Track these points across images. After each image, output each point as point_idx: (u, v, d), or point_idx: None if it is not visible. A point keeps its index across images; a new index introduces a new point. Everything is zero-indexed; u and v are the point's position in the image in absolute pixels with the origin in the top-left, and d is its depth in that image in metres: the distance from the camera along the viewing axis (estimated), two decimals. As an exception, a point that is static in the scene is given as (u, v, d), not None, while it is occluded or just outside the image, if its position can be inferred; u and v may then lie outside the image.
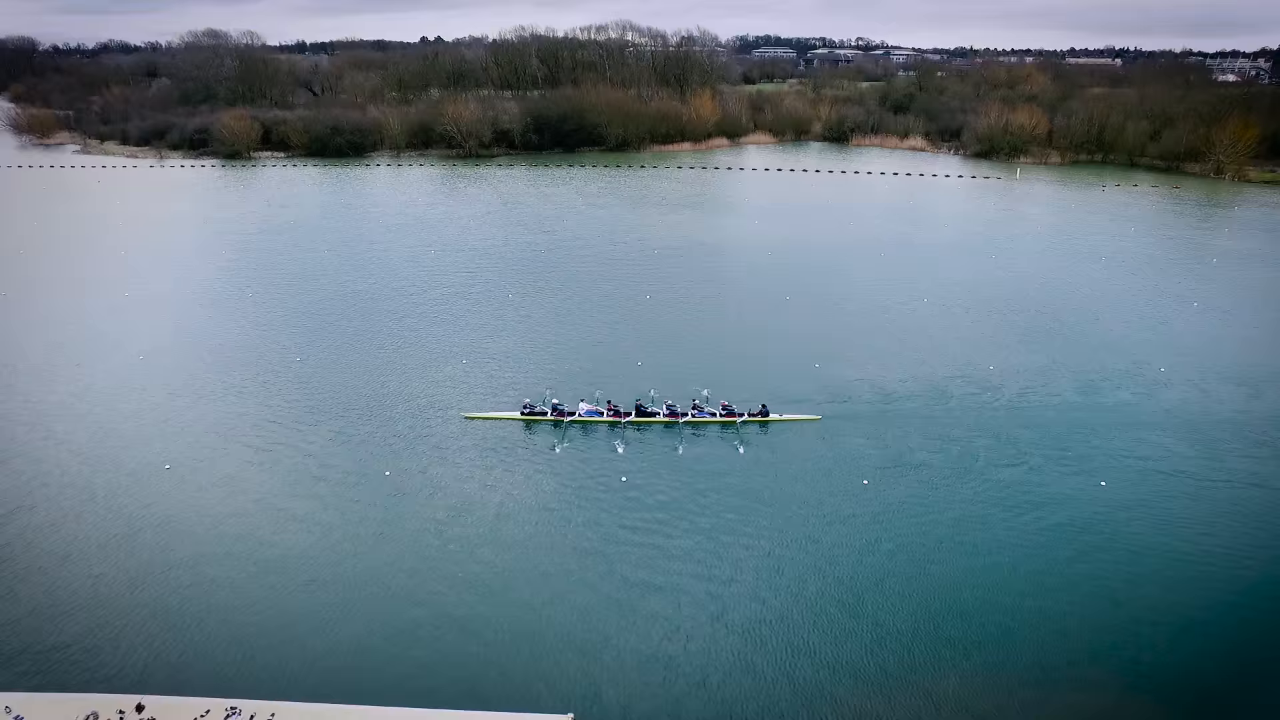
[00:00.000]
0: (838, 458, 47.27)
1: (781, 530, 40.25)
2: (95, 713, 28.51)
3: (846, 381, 57.05)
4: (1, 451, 48.22)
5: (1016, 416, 52.65)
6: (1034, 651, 32.38)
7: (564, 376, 57.26)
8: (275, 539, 39.52)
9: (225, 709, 28.73)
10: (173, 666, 31.15)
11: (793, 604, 35.01)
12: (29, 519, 41.59)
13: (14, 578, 36.71)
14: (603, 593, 35.60)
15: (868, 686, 30.64)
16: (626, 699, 29.78)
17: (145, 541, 39.44)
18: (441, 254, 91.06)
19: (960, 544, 39.25)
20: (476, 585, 36.00)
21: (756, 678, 30.95)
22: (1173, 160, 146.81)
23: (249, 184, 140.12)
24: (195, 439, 49.60)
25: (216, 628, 33.24)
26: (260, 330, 67.60)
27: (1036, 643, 32.79)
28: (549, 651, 32.07)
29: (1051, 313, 72.28)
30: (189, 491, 43.91)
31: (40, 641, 32.54)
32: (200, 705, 28.84)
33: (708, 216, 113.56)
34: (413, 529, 40.37)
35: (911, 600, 35.29)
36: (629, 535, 39.76)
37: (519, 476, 45.29)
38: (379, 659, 31.62)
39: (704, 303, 74.70)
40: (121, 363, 60.80)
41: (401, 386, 56.40)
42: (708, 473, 45.61)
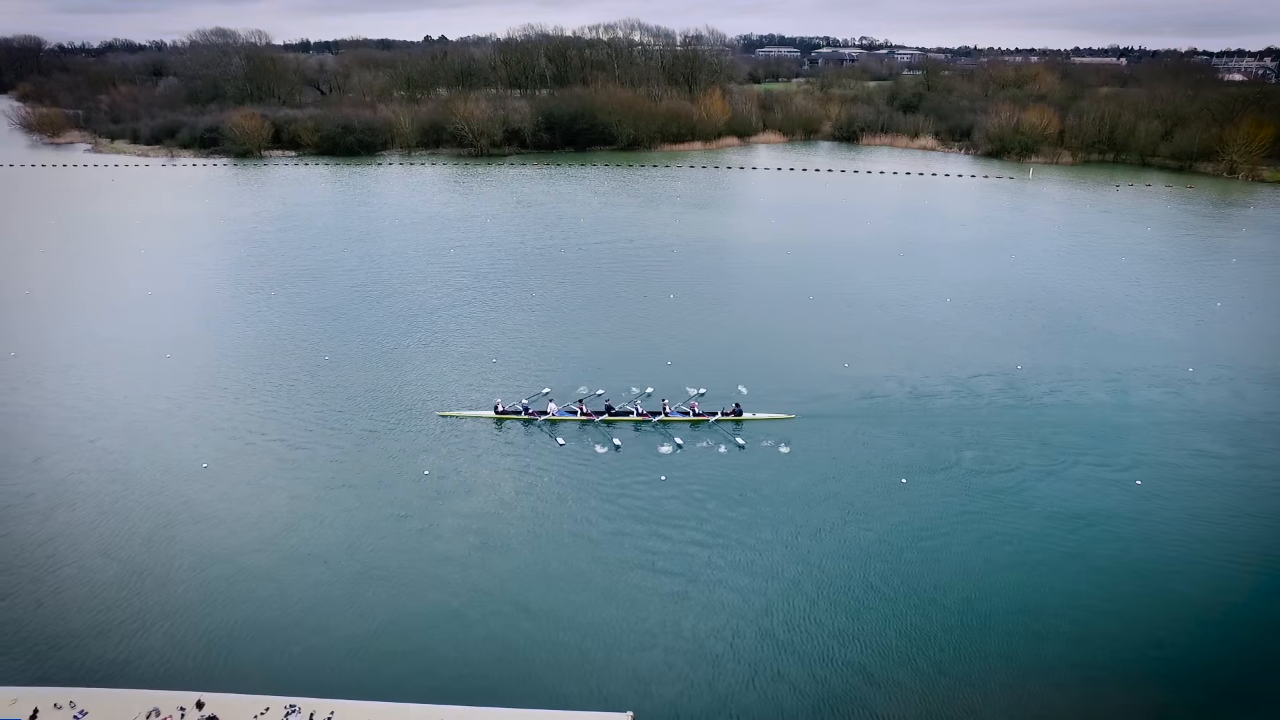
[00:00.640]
0: (871, 457, 47.32)
1: (818, 530, 40.32)
2: (157, 709, 28.63)
3: (876, 380, 57.14)
4: (36, 449, 48.33)
5: (1047, 415, 52.69)
6: (1078, 652, 32.44)
7: (595, 375, 57.33)
8: (317, 537, 39.64)
9: (284, 707, 28.83)
10: (231, 664, 31.28)
11: (834, 604, 35.10)
12: (70, 516, 41.72)
13: (65, 575, 36.83)
14: (650, 592, 35.70)
15: (912, 688, 30.75)
16: (683, 697, 29.88)
17: (188, 538, 39.58)
18: (462, 252, 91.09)
19: (1000, 544, 39.27)
20: (528, 584, 36.11)
21: (803, 677, 31.05)
22: (1185, 160, 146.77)
23: (261, 183, 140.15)
24: (228, 437, 49.67)
25: (271, 626, 33.37)
26: (284, 329, 67.65)
27: (1080, 643, 32.85)
28: (607, 650, 32.19)
29: (1074, 312, 72.31)
30: (226, 489, 44.03)
31: (100, 638, 32.70)
32: (259, 703, 28.92)
33: (724, 216, 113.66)
34: (454, 528, 40.45)
35: (952, 599, 35.35)
36: (673, 533, 39.85)
37: (552, 477, 45.33)
38: (435, 658, 31.73)
39: (728, 302, 74.73)
40: (150, 362, 60.87)
41: (429, 384, 56.44)
42: (742, 473, 45.66)
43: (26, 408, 53.66)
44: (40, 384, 57.07)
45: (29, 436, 49.97)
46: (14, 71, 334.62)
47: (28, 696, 28.86)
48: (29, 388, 56.50)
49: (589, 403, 52.77)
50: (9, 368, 59.73)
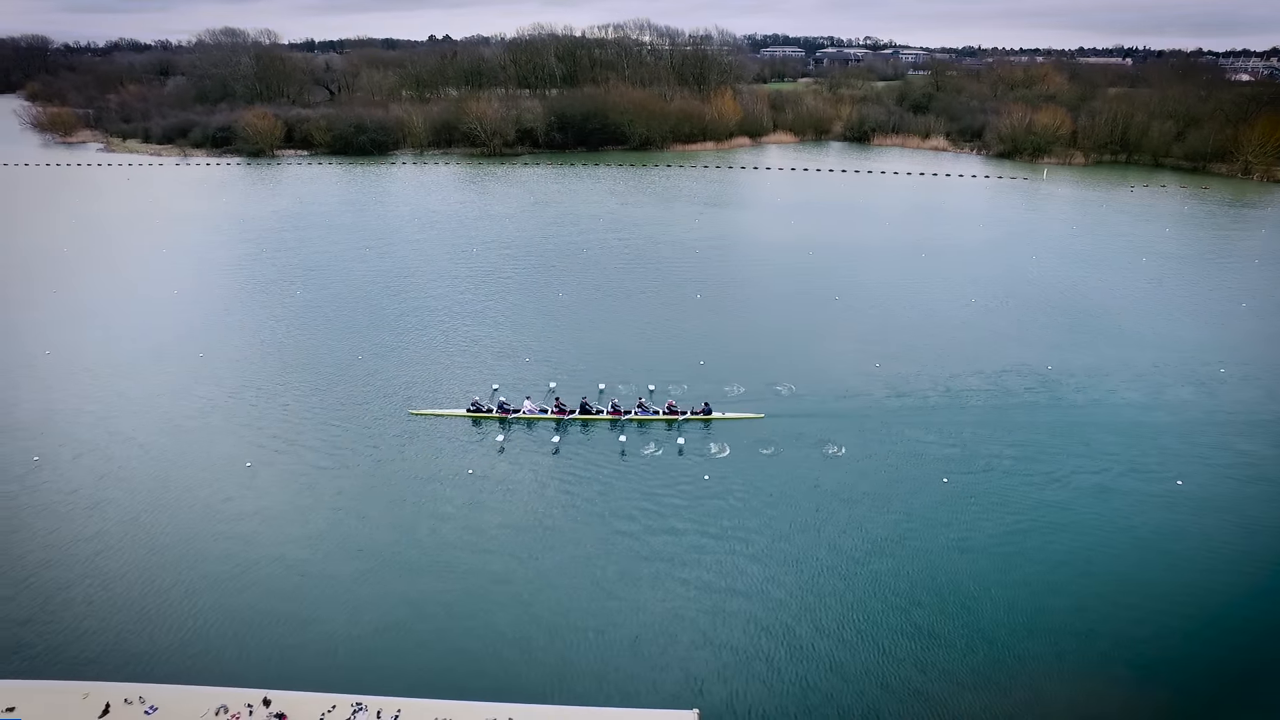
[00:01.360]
0: (911, 456, 47.47)
1: (864, 527, 40.47)
2: (225, 705, 28.80)
3: (909, 379, 57.33)
4: (75, 446, 48.53)
5: (1081, 414, 52.81)
6: (1127, 650, 32.66)
7: (628, 374, 57.54)
8: (367, 534, 39.88)
9: (351, 704, 28.97)
10: (296, 662, 31.45)
11: (885, 601, 35.28)
12: (114, 512, 42.03)
13: (116, 570, 37.09)
14: (704, 589, 35.89)
15: (965, 683, 30.96)
16: (746, 695, 30.04)
17: (236, 534, 39.85)
18: (485, 251, 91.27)
19: (1046, 543, 39.43)
20: (588, 582, 36.34)
21: (861, 674, 31.22)
22: (1199, 160, 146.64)
23: (276, 182, 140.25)
24: (266, 435, 49.89)
25: (336, 624, 33.55)
26: (313, 327, 67.81)
27: (1127, 644, 33.03)
28: (671, 648, 32.37)
29: (1099, 312, 72.42)
30: (268, 486, 44.30)
31: (164, 634, 32.97)
32: (326, 700, 29.06)
33: (743, 216, 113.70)
34: (506, 526, 40.63)
35: (1002, 597, 35.49)
36: (718, 531, 40.06)
37: (595, 477, 45.50)
38: (499, 656, 31.92)
39: (755, 301, 74.85)
40: (182, 360, 61.01)
41: (458, 384, 56.58)
42: (782, 471, 45.78)
43: (63, 405, 53.83)
44: (75, 382, 57.27)
45: (68, 433, 50.17)
46: (21, 71, 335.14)
47: (99, 691, 29.03)
48: (64, 385, 56.70)
49: (567, 402, 52.83)
50: (44, 366, 59.91)
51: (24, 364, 60.19)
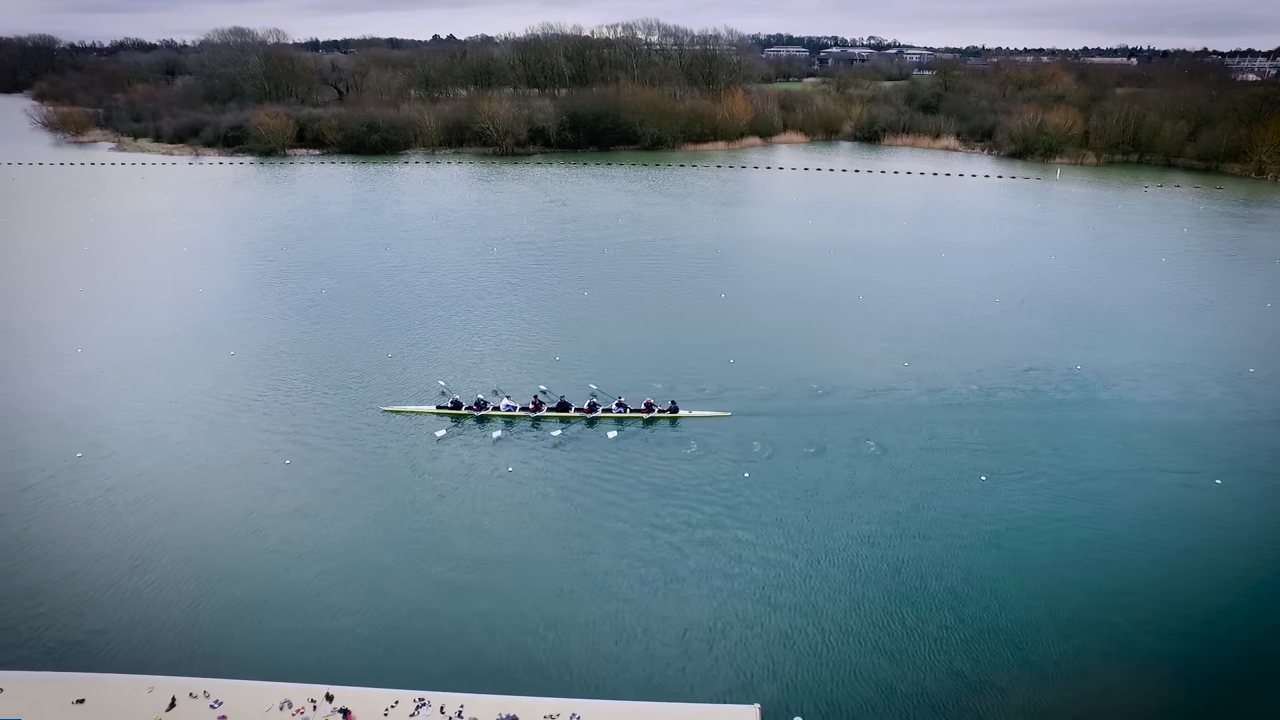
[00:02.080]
0: (947, 455, 47.60)
1: (906, 524, 40.64)
2: (288, 700, 28.96)
3: (939, 377, 57.49)
4: (111, 444, 48.61)
5: (1113, 413, 52.93)
6: (1175, 651, 32.73)
7: (658, 373, 57.69)
8: (421, 529, 40.16)
9: (414, 699, 29.13)
10: (358, 657, 31.59)
11: (935, 600, 35.42)
12: (157, 508, 42.02)
13: (170, 566, 37.27)
14: (763, 585, 36.13)
15: (1018, 679, 31.11)
16: (808, 689, 30.21)
17: (281, 531, 39.99)
18: (506, 250, 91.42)
19: (1085, 543, 39.50)
20: (643, 581, 36.49)
21: (919, 670, 31.37)
22: (1211, 160, 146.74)
23: (290, 180, 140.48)
24: (304, 432, 50.03)
25: (397, 619, 33.75)
26: (339, 326, 67.98)
27: (1176, 642, 33.18)
28: (733, 643, 32.56)
29: (1123, 311, 72.59)
30: (307, 482, 44.46)
31: (227, 630, 33.22)
32: (389, 696, 29.22)
33: (760, 216, 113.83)
34: (560, 521, 40.87)
35: (1044, 595, 35.65)
36: (768, 529, 40.19)
37: (631, 474, 45.64)
38: (562, 651, 32.11)
39: (777, 301, 74.93)
40: (212, 358, 61.20)
41: (489, 384, 56.83)
42: (819, 470, 45.93)
43: (96, 403, 54.01)
44: (107, 380, 57.43)
45: (103, 430, 50.29)
46: (28, 70, 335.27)
47: (164, 685, 29.21)
48: (96, 384, 56.85)
49: (527, 400, 53.06)
50: (75, 364, 60.08)
51: (57, 362, 60.37)
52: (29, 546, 38.97)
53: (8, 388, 56.13)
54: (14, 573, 36.98)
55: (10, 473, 45.76)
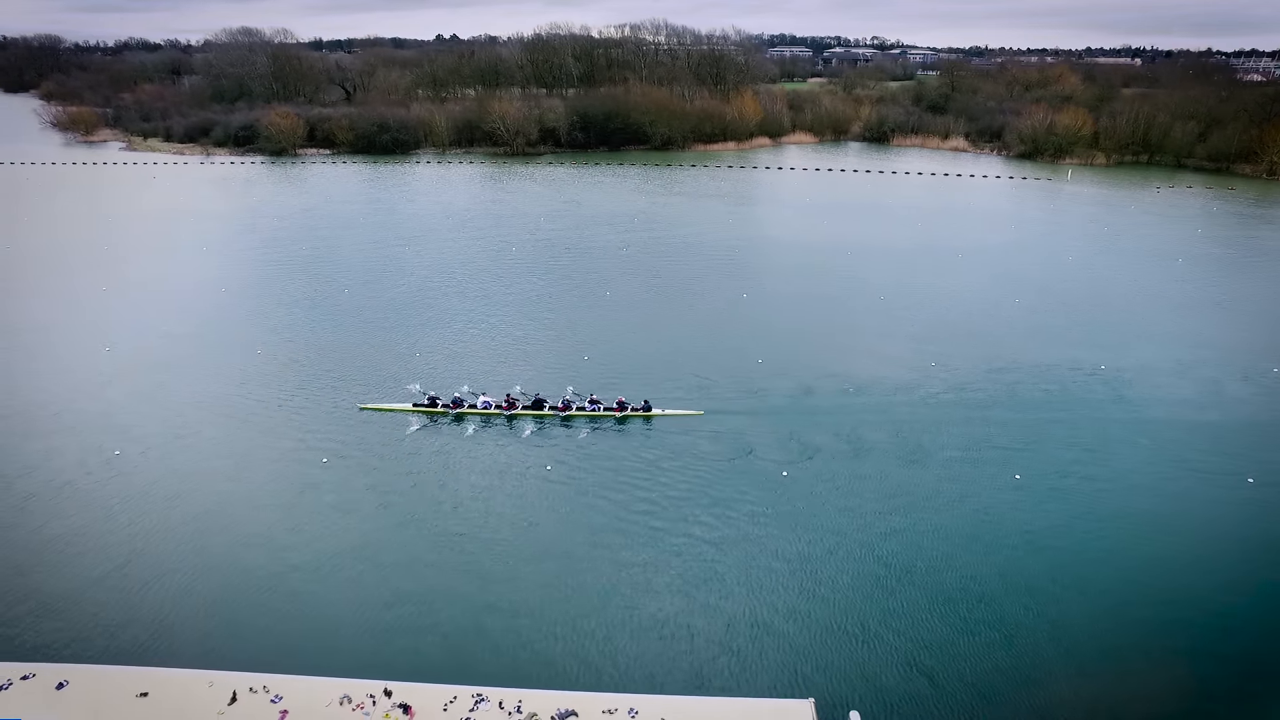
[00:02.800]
0: (981, 453, 47.88)
1: (933, 523, 40.91)
2: (348, 695, 29.17)
3: (966, 377, 57.82)
4: (144, 441, 48.99)
5: (1140, 412, 53.20)
6: (1215, 650, 33.04)
7: (687, 373, 58.06)
8: (480, 524, 40.70)
9: (472, 695, 29.33)
10: (417, 653, 31.94)
11: (970, 596, 35.70)
12: (197, 505, 42.41)
13: (217, 562, 37.57)
14: (818, 580, 36.53)
15: (1052, 676, 31.39)
16: (861, 684, 30.51)
17: (327, 527, 40.29)
18: (524, 250, 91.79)
19: (1124, 542, 39.82)
20: (693, 576, 36.88)
21: (972, 665, 31.64)
22: (1222, 161, 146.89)
23: (302, 180, 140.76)
24: (333, 431, 50.44)
25: (455, 616, 34.13)
26: (364, 326, 68.29)
27: (1215, 639, 33.47)
28: (787, 639, 32.92)
29: (1143, 312, 72.93)
30: (346, 478, 44.80)
31: (288, 627, 33.60)
32: (447, 692, 29.42)
33: (772, 216, 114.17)
34: (614, 517, 41.27)
35: (1075, 591, 36.01)
36: (808, 527, 40.48)
37: (660, 477, 45.94)
38: (616, 647, 32.48)
39: (799, 301, 75.21)
40: (240, 357, 61.53)
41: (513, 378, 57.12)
42: (854, 468, 46.21)
43: (129, 400, 54.36)
44: (137, 378, 57.78)
45: (137, 427, 50.67)
46: (34, 70, 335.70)
47: (224, 680, 29.43)
48: (127, 381, 57.18)
49: (500, 397, 53.44)
50: (106, 362, 60.43)
51: (88, 360, 60.70)
52: (77, 541, 39.29)
53: (41, 386, 56.46)
54: (63, 567, 37.35)
55: (48, 469, 46.12)
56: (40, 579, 36.68)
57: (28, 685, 28.84)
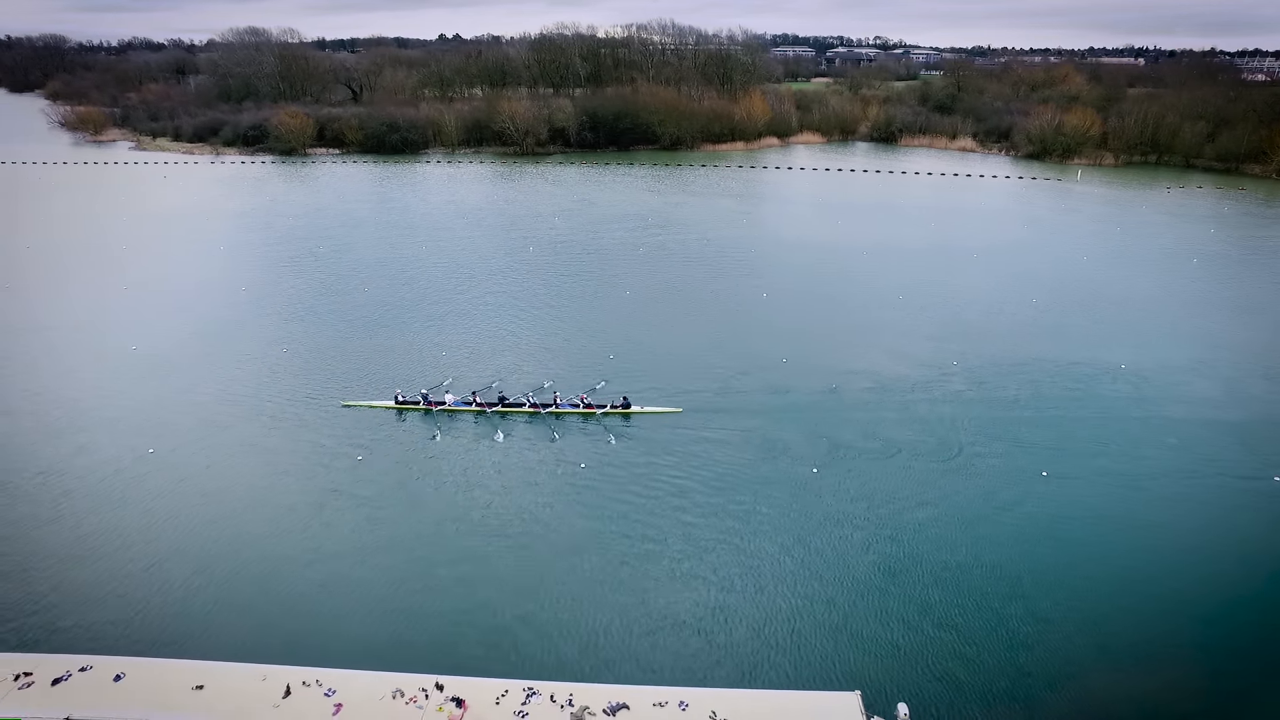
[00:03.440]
0: (1007, 450, 48.19)
1: (962, 519, 41.23)
2: (400, 689, 29.42)
3: (987, 375, 58.16)
4: (175, 438, 49.34)
5: (1162, 410, 53.44)
6: (1247, 648, 33.45)
7: (712, 372, 58.42)
8: (536, 519, 41.13)
9: (523, 689, 29.58)
10: (468, 647, 32.34)
11: (1006, 589, 36.01)
12: (234, 503, 42.74)
13: (256, 557, 37.91)
14: (868, 570, 36.92)
15: (1085, 671, 31.71)
16: (909, 676, 30.89)
17: (364, 523, 40.64)
18: (541, 249, 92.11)
19: (1158, 543, 40.23)
20: (740, 569, 37.34)
21: (1021, 659, 31.98)
22: (1231, 161, 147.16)
23: (313, 179, 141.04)
24: (363, 430, 50.75)
25: (502, 611, 34.51)
26: (383, 324, 68.61)
27: (1246, 636, 33.88)
28: (833, 631, 33.31)
29: (1160, 311, 73.21)
30: (384, 477, 45.08)
31: (337, 621, 33.95)
32: (499, 686, 29.65)
33: (786, 216, 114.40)
34: (660, 512, 41.57)
35: (1106, 587, 36.39)
36: (843, 524, 40.83)
37: (703, 473, 46.31)
38: (665, 641, 32.85)
39: (818, 301, 75.48)
40: (265, 356, 61.90)
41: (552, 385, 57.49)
42: (891, 467, 46.53)
43: (157, 398, 54.74)
44: (165, 376, 58.13)
45: (167, 425, 51.08)
46: (40, 70, 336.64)
47: (275, 674, 29.65)
48: (155, 380, 57.53)
49: (483, 394, 54.04)
50: (132, 361, 60.76)
51: (115, 359, 61.06)
52: (117, 537, 39.67)
53: (71, 384, 56.82)
54: (105, 561, 37.75)
55: (82, 465, 46.55)
56: (84, 573, 37.06)
57: (85, 677, 29.13)
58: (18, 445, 48.86)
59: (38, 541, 39.53)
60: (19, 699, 28.10)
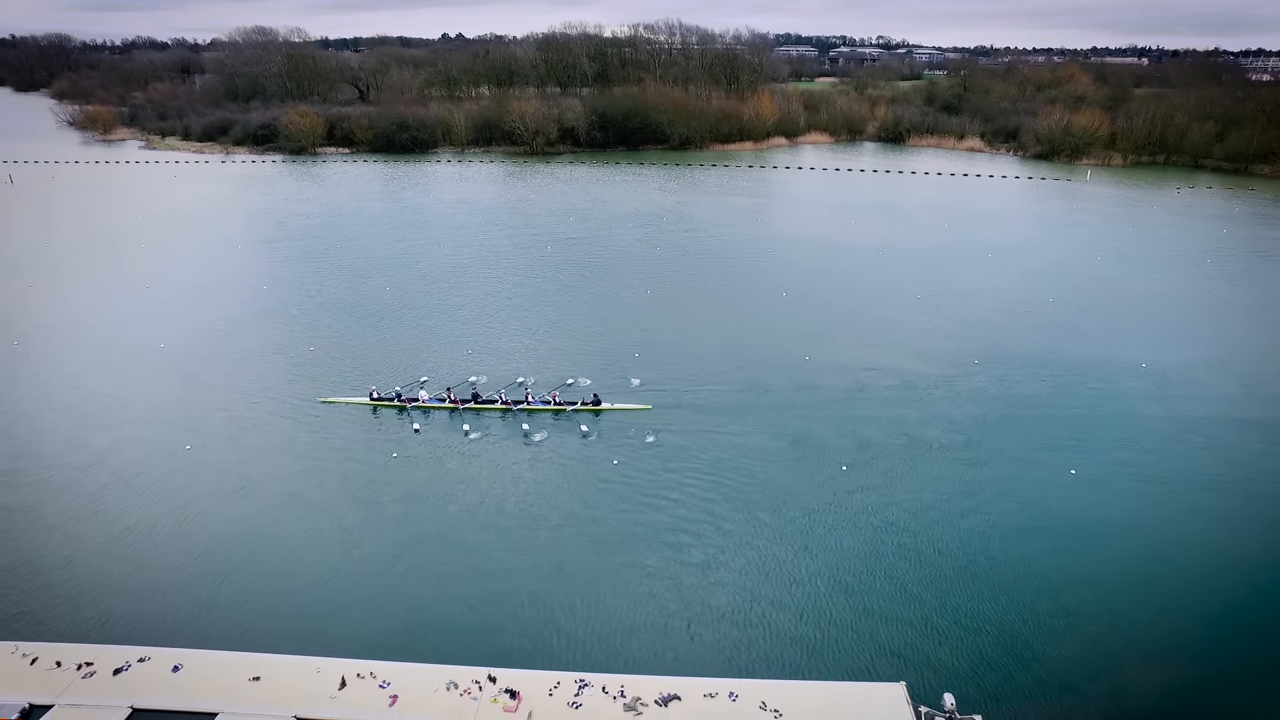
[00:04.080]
0: (1034, 446, 48.60)
1: (994, 517, 41.65)
2: (454, 681, 29.92)
3: (1010, 374, 58.56)
4: (207, 433, 49.80)
5: (1185, 409, 53.81)
6: None
7: (736, 371, 58.84)
8: (570, 517, 41.58)
9: (575, 680, 30.06)
10: (519, 640, 32.79)
11: (1038, 583, 36.45)
12: (271, 495, 43.33)
13: (295, 550, 38.37)
14: (913, 564, 37.59)
15: (1120, 665, 32.21)
16: (954, 668, 31.36)
17: (399, 517, 41.08)
18: (560, 248, 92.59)
19: (1188, 536, 40.70)
20: (776, 566, 37.86)
21: (1068, 653, 32.43)
22: (1240, 162, 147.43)
23: (324, 179, 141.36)
24: (403, 426, 51.10)
25: (553, 604, 35.04)
26: (407, 325, 69.03)
27: None
28: (875, 625, 33.80)
29: (1176, 311, 73.60)
30: (416, 472, 45.56)
31: (390, 615, 34.46)
32: (551, 678, 30.14)
33: (798, 216, 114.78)
34: (689, 509, 41.99)
35: (1135, 583, 36.95)
36: (877, 518, 41.31)
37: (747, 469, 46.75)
38: (714, 633, 33.40)
39: (835, 300, 75.82)
40: (293, 353, 62.41)
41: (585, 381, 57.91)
42: (921, 468, 46.96)
43: (187, 393, 55.28)
44: (193, 373, 58.64)
45: (199, 421, 51.71)
46: (45, 69, 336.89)
47: (329, 667, 30.16)
48: (184, 377, 58.00)
49: (458, 390, 54.67)
50: (160, 359, 61.21)
51: (143, 357, 61.53)
52: (157, 532, 40.20)
53: (103, 381, 57.28)
54: (147, 556, 38.31)
55: (118, 461, 47.10)
56: (127, 567, 37.64)
57: (144, 668, 29.62)
58: (55, 441, 49.34)
59: (80, 534, 40.03)
60: (83, 688, 28.57)
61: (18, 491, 43.93)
